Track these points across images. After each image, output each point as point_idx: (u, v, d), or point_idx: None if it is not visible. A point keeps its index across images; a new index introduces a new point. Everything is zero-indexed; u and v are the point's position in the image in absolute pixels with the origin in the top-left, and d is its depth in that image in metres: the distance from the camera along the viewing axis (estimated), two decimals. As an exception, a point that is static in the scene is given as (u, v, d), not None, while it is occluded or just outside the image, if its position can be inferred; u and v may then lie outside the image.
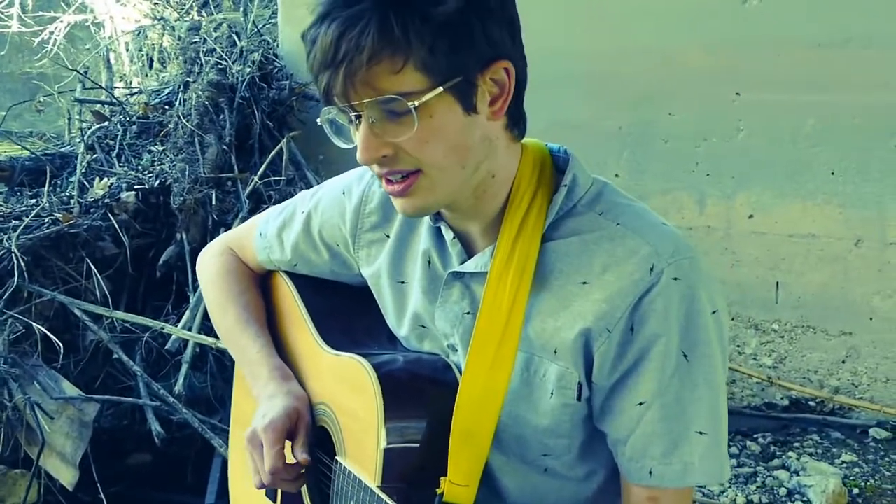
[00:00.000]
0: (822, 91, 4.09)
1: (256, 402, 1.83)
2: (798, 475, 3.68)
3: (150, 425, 3.50)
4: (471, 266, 1.60)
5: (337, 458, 1.69)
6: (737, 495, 3.60)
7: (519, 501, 1.66)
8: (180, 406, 3.45)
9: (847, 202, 4.12)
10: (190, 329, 3.57)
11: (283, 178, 4.18)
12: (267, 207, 4.03)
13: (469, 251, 1.63)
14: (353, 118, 1.44)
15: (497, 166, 1.53)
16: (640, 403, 1.51)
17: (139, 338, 3.71)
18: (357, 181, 1.81)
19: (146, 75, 6.31)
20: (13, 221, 3.67)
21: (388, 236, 1.75)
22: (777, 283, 4.22)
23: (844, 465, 3.81)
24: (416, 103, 1.39)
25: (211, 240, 3.91)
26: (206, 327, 3.71)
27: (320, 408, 1.78)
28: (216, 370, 3.72)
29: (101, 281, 3.62)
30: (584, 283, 1.51)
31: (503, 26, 1.44)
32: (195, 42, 4.85)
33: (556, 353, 1.54)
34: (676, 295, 1.48)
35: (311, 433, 1.76)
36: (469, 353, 1.57)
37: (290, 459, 1.74)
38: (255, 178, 4.12)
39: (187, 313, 3.65)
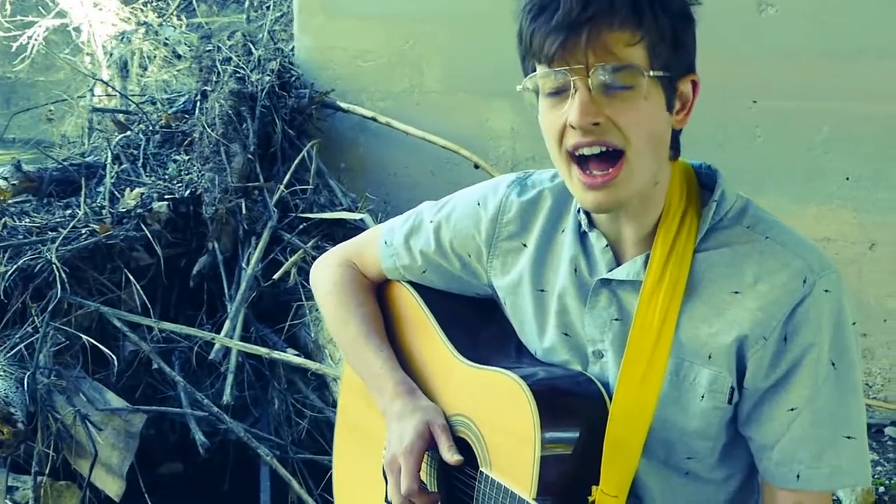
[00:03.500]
0: (836, 99, 4.20)
1: (383, 416, 1.87)
2: (825, 474, 3.77)
3: (192, 434, 3.52)
4: (622, 274, 1.66)
5: (481, 469, 1.73)
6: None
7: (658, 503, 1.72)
8: (226, 416, 3.47)
9: (861, 207, 4.23)
10: (231, 338, 3.59)
11: (309, 186, 4.21)
12: (293, 216, 4.12)
13: (617, 260, 1.69)
14: (570, 84, 1.50)
15: (661, 175, 1.61)
16: (792, 409, 1.58)
17: (176, 347, 3.73)
18: (493, 192, 1.86)
19: (125, 78, 6.30)
20: (50, 233, 3.66)
21: (525, 245, 1.80)
22: (793, 286, 4.32)
23: (867, 464, 3.91)
24: (645, 76, 1.49)
25: (242, 249, 3.98)
26: (242, 336, 3.74)
27: (456, 419, 1.81)
28: (252, 378, 3.74)
29: (140, 291, 3.63)
30: (736, 292, 1.59)
31: (695, 50, 1.58)
32: (209, 50, 4.85)
33: (710, 357, 1.60)
34: (827, 306, 1.56)
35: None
36: (622, 369, 1.63)
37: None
38: (282, 187, 4.14)
39: (227, 322, 3.67)
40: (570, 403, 1.67)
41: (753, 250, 1.60)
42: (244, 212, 3.98)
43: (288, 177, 4.20)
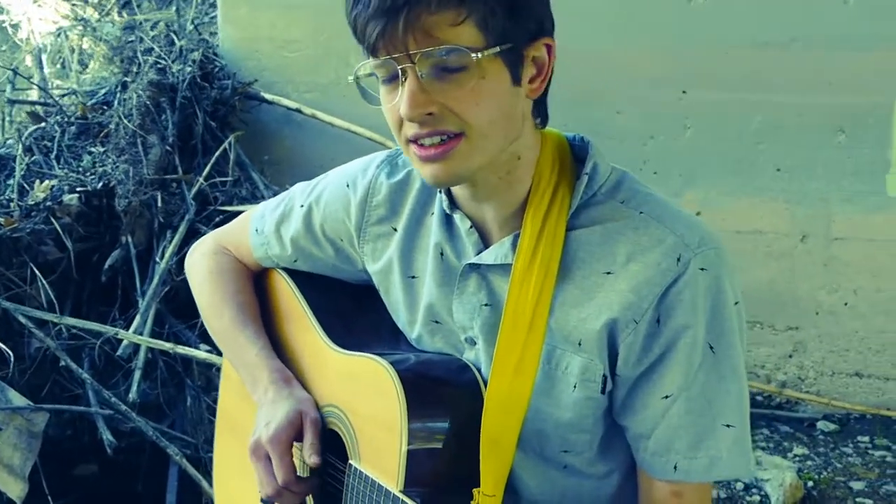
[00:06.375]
0: (767, 90, 4.14)
1: (256, 406, 1.77)
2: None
3: (100, 434, 3.40)
4: (489, 258, 1.56)
5: (350, 462, 1.63)
6: (695, 491, 3.61)
7: (538, 499, 1.62)
8: (133, 414, 3.35)
9: (793, 198, 4.17)
10: (141, 334, 3.46)
11: (229, 178, 4.10)
12: (213, 209, 4.00)
13: (485, 241, 1.59)
14: (399, 72, 1.39)
15: (522, 148, 1.50)
16: (666, 397, 1.49)
17: (86, 344, 3.60)
18: (361, 173, 1.75)
19: (67, 76, 6.16)
20: (-48, 226, 3.53)
21: (395, 230, 1.70)
22: (725, 279, 4.25)
23: (797, 459, 3.85)
24: (476, 57, 1.37)
25: (157, 243, 3.86)
26: (155, 332, 3.62)
27: (328, 410, 1.72)
28: (167, 376, 3.62)
29: (46, 286, 3.50)
30: (608, 272, 1.49)
31: (546, 10, 1.46)
32: (131, 41, 4.72)
33: (580, 344, 1.50)
34: (703, 286, 1.46)
35: (321, 435, 1.70)
36: (494, 360, 1.53)
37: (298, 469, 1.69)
38: (201, 180, 4.02)
39: (137, 318, 3.54)
40: (442, 391, 1.57)
41: (627, 227, 1.49)
42: (160, 204, 3.86)
43: (208, 169, 4.08)
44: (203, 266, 1.96)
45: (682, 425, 1.49)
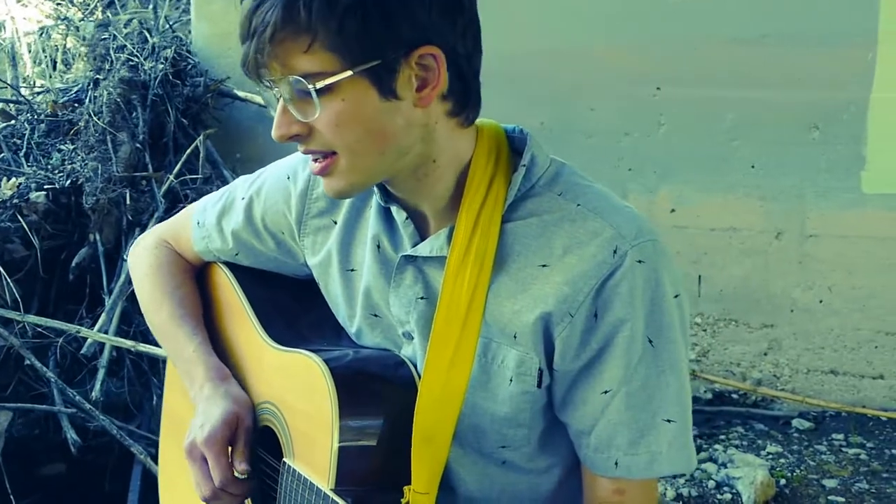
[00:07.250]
0: (740, 86, 4.13)
1: (192, 403, 1.74)
2: (726, 467, 3.68)
3: (65, 433, 3.37)
4: (424, 250, 1.53)
5: (284, 459, 1.61)
6: (666, 489, 3.59)
7: (476, 495, 1.60)
8: (97, 413, 3.32)
9: (767, 195, 4.16)
10: (106, 332, 3.44)
11: (199, 176, 4.07)
12: (183, 207, 3.96)
13: (421, 233, 1.56)
14: (274, 93, 1.41)
15: (437, 151, 1.46)
16: (605, 392, 1.46)
17: (52, 343, 3.57)
18: (302, 165, 1.71)
19: (50, 77, 6.13)
20: (-84, 223, 3.50)
21: (335, 223, 1.67)
22: (699, 276, 4.24)
23: (770, 457, 3.83)
24: (319, 85, 1.34)
25: (126, 241, 3.83)
26: (123, 330, 3.59)
27: (264, 407, 1.69)
28: (133, 375, 3.60)
29: (10, 284, 3.47)
30: (544, 265, 1.45)
31: (433, 10, 1.37)
32: (105, 38, 4.69)
33: (515, 337, 1.47)
34: (641, 278, 1.43)
35: (253, 438, 1.67)
36: (428, 354, 1.50)
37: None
38: (171, 177, 4.00)
39: (103, 316, 3.51)
40: (375, 388, 1.54)
41: (564, 219, 1.46)
42: (129, 202, 3.83)
43: (178, 167, 4.06)
44: (144, 261, 1.93)
45: (623, 421, 1.47)
